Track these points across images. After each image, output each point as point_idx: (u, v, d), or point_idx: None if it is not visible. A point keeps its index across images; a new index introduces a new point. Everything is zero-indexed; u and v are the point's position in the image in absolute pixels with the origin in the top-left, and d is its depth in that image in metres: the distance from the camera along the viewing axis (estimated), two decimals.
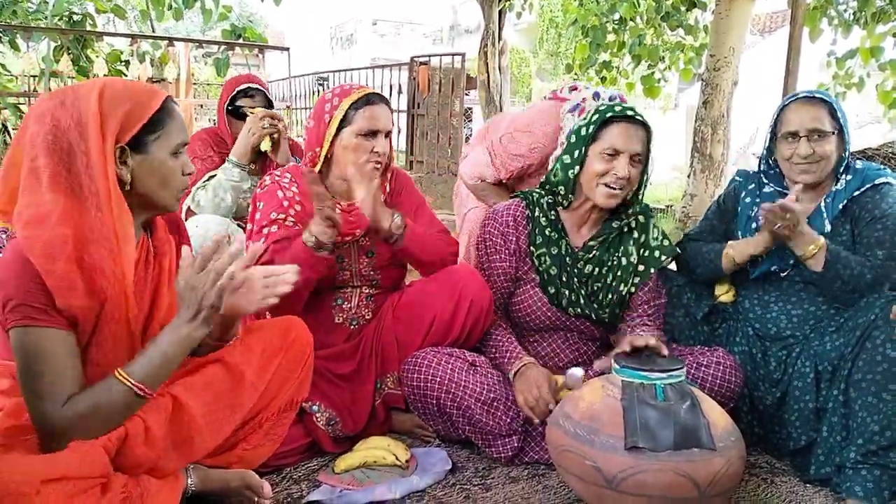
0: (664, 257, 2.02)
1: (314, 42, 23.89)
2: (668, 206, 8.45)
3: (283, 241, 1.89)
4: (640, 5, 7.18)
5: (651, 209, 2.08)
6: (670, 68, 7.72)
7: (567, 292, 1.97)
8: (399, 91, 7.30)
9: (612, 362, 1.59)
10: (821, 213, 1.96)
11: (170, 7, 6.65)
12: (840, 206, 1.94)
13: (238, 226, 2.66)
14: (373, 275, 2.04)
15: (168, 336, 1.32)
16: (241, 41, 6.94)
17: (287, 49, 6.87)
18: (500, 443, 1.87)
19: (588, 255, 2.00)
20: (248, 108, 2.67)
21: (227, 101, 2.71)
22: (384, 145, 1.96)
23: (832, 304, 1.93)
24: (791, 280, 1.99)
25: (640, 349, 1.63)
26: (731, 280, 2.13)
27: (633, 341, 1.63)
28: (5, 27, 6.38)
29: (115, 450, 1.31)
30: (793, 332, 1.95)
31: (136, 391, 1.29)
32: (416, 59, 7.12)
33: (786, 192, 2.03)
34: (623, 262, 1.99)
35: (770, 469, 1.89)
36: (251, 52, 6.78)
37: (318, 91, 9.47)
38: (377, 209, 1.83)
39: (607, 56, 7.73)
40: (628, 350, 1.63)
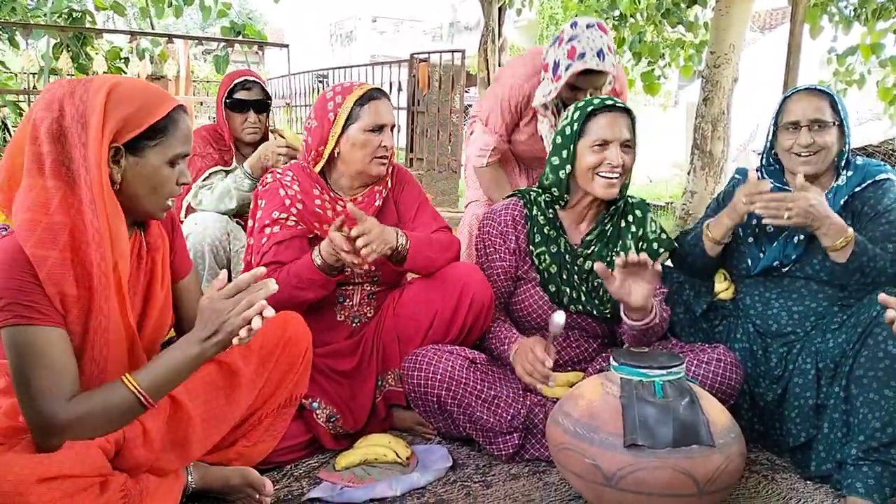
0: (663, 250, 2.03)
1: (314, 39, 23.86)
2: (668, 204, 8.45)
3: (286, 243, 1.89)
4: (640, 2, 7.17)
5: (648, 204, 2.09)
6: (671, 65, 7.71)
7: (568, 290, 1.98)
8: (399, 88, 7.30)
9: (611, 360, 1.59)
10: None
11: (170, 4, 6.64)
12: (841, 202, 1.94)
13: (237, 223, 2.67)
14: (373, 271, 2.04)
15: (179, 352, 1.34)
16: (240, 38, 6.93)
17: (286, 46, 6.85)
18: (500, 440, 1.87)
19: (587, 251, 2.00)
20: (247, 100, 2.68)
21: (225, 95, 2.71)
22: (390, 139, 1.97)
23: (834, 300, 1.94)
24: (792, 276, 1.99)
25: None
26: (731, 277, 2.14)
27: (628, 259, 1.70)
28: (5, 24, 6.38)
29: (113, 452, 1.31)
30: (794, 329, 1.95)
31: (141, 399, 1.30)
32: (415, 56, 7.11)
33: (786, 188, 2.03)
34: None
35: (770, 466, 1.89)
36: (251, 49, 6.77)
37: (318, 88, 9.47)
38: (384, 234, 1.83)
39: None
40: (623, 265, 1.69)
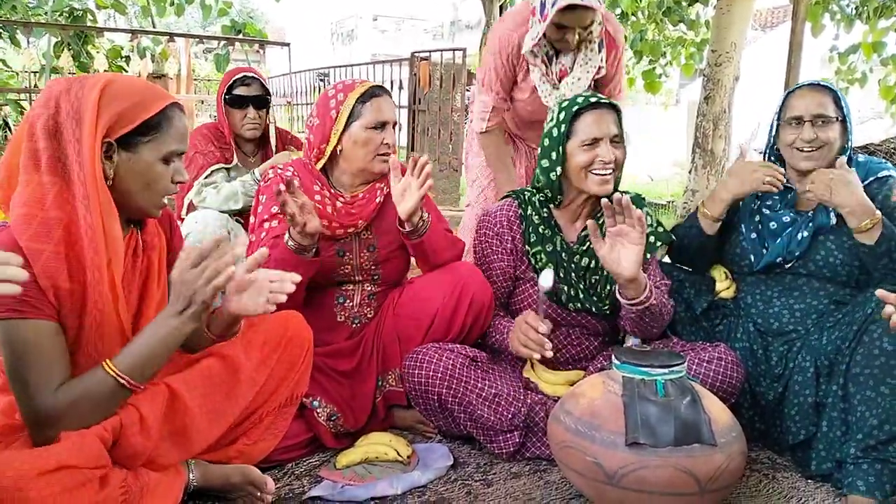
0: (659, 243, 2.03)
1: (315, 38, 23.88)
2: (669, 202, 8.44)
3: (283, 236, 1.89)
4: (641, 0, 7.16)
5: (643, 199, 2.09)
6: (672, 64, 7.70)
7: (565, 287, 1.98)
8: (400, 87, 7.29)
9: (613, 358, 1.59)
10: (826, 205, 1.96)
11: (171, 3, 6.64)
12: None
13: (237, 221, 2.67)
14: (374, 269, 2.04)
15: (155, 328, 1.32)
16: (241, 37, 6.93)
17: (287, 45, 6.85)
18: (501, 438, 1.87)
19: (582, 248, 2.00)
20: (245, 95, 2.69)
21: (225, 91, 2.72)
22: (392, 136, 1.97)
23: (836, 297, 1.93)
24: (795, 273, 1.99)
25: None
26: (732, 275, 2.14)
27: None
28: (6, 23, 6.38)
29: (111, 441, 1.31)
30: (795, 327, 1.95)
31: (123, 382, 1.29)
32: (416, 54, 7.10)
33: (788, 185, 2.03)
34: None
35: (771, 465, 1.89)
36: (251, 47, 6.77)
37: (319, 87, 9.46)
38: (414, 207, 1.83)
39: None
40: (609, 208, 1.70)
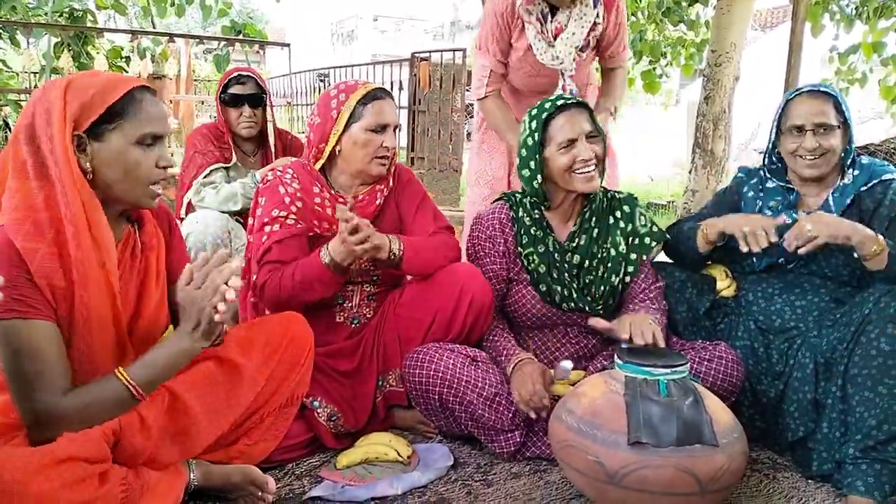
0: (654, 243, 2.03)
1: (315, 38, 23.86)
2: (669, 202, 8.44)
3: (286, 241, 1.89)
4: (641, 0, 7.16)
5: (636, 199, 2.09)
6: (672, 64, 7.70)
7: (559, 288, 1.98)
8: (400, 87, 7.29)
9: (615, 357, 1.59)
10: (829, 208, 1.96)
11: (171, 3, 6.64)
12: (848, 201, 1.94)
13: (237, 221, 2.67)
14: (373, 270, 2.04)
15: (171, 345, 1.37)
16: (241, 37, 6.93)
17: (287, 45, 6.85)
18: (502, 438, 1.87)
19: (573, 245, 2.00)
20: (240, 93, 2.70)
21: (221, 90, 2.72)
22: (392, 139, 1.97)
23: (836, 294, 1.93)
24: (797, 272, 1.99)
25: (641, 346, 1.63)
26: (732, 274, 2.13)
27: (634, 334, 1.66)
28: (6, 23, 6.38)
29: (111, 440, 1.32)
30: (796, 324, 1.95)
31: (133, 392, 1.33)
32: (416, 55, 7.10)
33: (789, 186, 2.03)
34: (612, 253, 2.00)
35: (772, 465, 1.89)
36: (251, 48, 6.78)
37: (319, 87, 9.46)
38: (378, 243, 1.82)
39: None
40: (626, 345, 1.65)
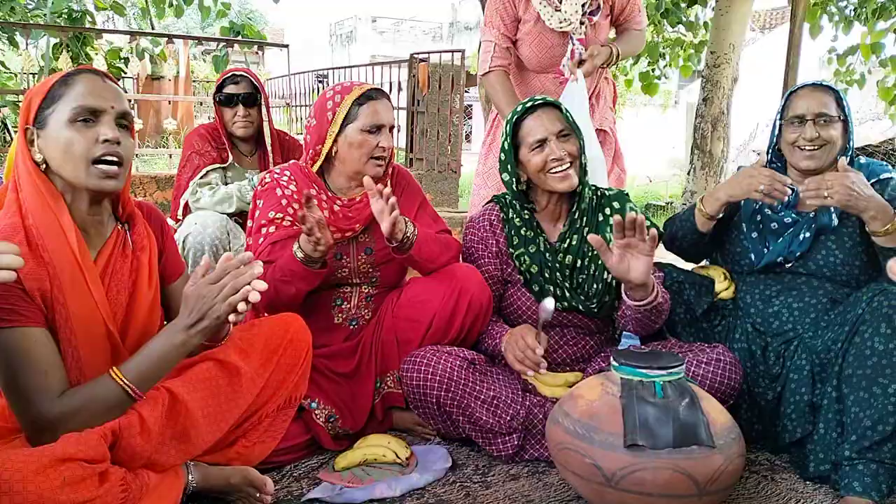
0: None
1: (314, 39, 23.86)
2: (668, 203, 8.46)
3: (281, 243, 1.89)
4: None
5: (626, 195, 2.09)
6: (670, 65, 7.71)
7: (552, 288, 1.98)
8: (399, 88, 7.29)
9: (612, 360, 1.59)
10: (828, 206, 1.96)
11: (170, 4, 6.64)
12: None
13: (236, 222, 2.67)
14: (371, 272, 2.04)
15: (163, 340, 1.34)
16: (240, 38, 6.93)
17: (286, 46, 6.84)
18: (500, 441, 1.87)
19: (564, 245, 2.00)
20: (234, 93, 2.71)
21: (216, 90, 2.73)
22: (388, 140, 1.97)
23: (834, 296, 1.94)
24: (794, 273, 2.00)
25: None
26: (731, 275, 2.14)
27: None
28: (4, 24, 6.38)
29: (111, 440, 1.32)
30: (793, 326, 1.95)
31: (129, 391, 1.32)
32: (415, 56, 7.10)
33: (790, 185, 2.03)
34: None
35: (770, 466, 1.89)
36: (250, 49, 6.77)
37: (318, 88, 9.46)
38: (394, 219, 1.81)
39: None
40: (620, 227, 1.68)
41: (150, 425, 1.36)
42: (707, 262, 2.28)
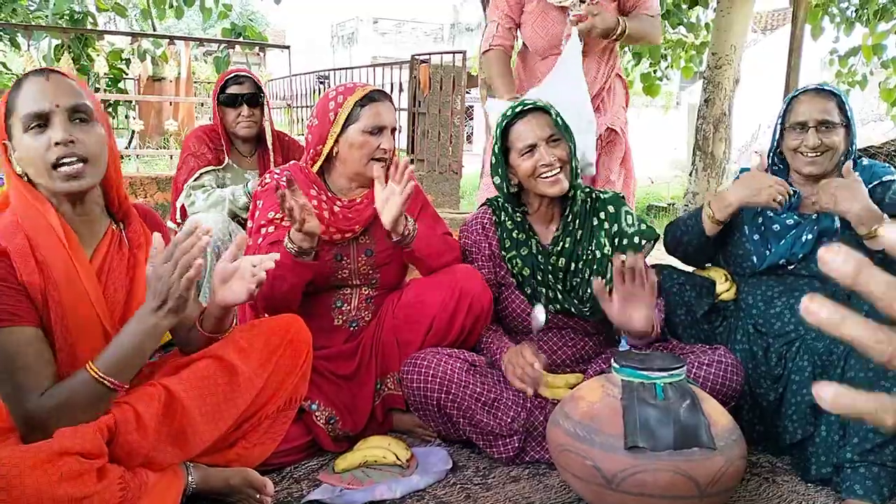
0: (645, 241, 2.01)
1: (315, 40, 23.89)
2: (669, 205, 8.45)
3: (280, 243, 1.89)
4: None
5: (622, 198, 2.08)
6: (672, 66, 7.71)
7: (544, 290, 1.97)
8: (400, 89, 7.29)
9: (612, 361, 1.59)
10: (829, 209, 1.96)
11: (171, 6, 6.65)
12: None
13: (239, 222, 2.67)
14: (371, 273, 2.04)
15: (133, 326, 1.31)
16: (241, 39, 6.94)
17: (287, 47, 6.84)
18: (500, 443, 1.86)
19: (557, 248, 2.00)
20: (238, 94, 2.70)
21: (218, 91, 2.73)
22: (390, 141, 1.97)
23: (837, 297, 1.93)
24: (796, 274, 1.99)
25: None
26: (732, 277, 2.13)
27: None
28: (6, 25, 6.39)
29: (108, 438, 1.32)
30: (795, 327, 1.95)
31: (105, 383, 1.29)
32: (416, 57, 7.10)
33: (791, 187, 2.03)
34: (598, 255, 1.99)
35: (771, 468, 1.89)
36: (252, 50, 6.78)
37: (319, 90, 9.46)
38: (398, 214, 1.82)
39: None
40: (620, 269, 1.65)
41: (146, 421, 1.36)
42: (708, 263, 2.28)
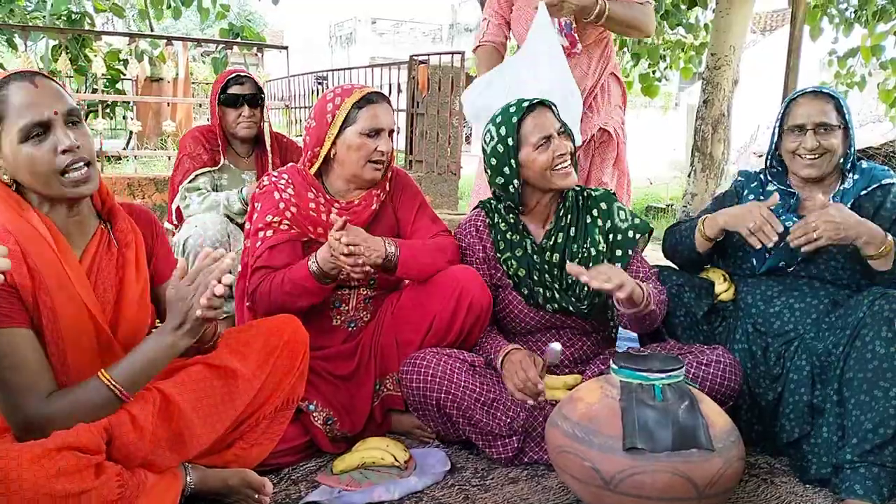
0: (638, 235, 2.02)
1: (313, 41, 23.88)
2: (668, 206, 8.45)
3: (278, 247, 1.89)
4: None
5: (613, 194, 2.08)
6: (671, 67, 7.72)
7: (541, 290, 1.97)
8: (398, 90, 7.29)
9: (611, 363, 1.58)
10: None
11: (168, 6, 6.64)
12: (848, 205, 1.94)
13: (237, 225, 2.67)
14: (370, 273, 2.03)
15: (153, 343, 1.36)
16: (239, 40, 6.93)
17: (286, 48, 6.84)
18: (499, 443, 1.86)
19: (550, 244, 2.00)
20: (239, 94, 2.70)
21: (219, 91, 2.72)
22: (387, 144, 1.96)
23: (836, 298, 1.93)
24: (796, 275, 1.99)
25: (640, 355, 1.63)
26: (731, 277, 2.13)
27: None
28: (3, 26, 6.39)
29: (106, 439, 1.32)
30: (794, 327, 1.95)
31: (116, 393, 1.33)
32: (415, 57, 7.10)
33: (790, 189, 2.03)
34: (592, 252, 1.99)
35: (770, 469, 1.88)
36: (250, 50, 6.77)
37: (317, 90, 9.45)
38: (373, 248, 1.83)
39: None
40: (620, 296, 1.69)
41: (141, 422, 1.37)
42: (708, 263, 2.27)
